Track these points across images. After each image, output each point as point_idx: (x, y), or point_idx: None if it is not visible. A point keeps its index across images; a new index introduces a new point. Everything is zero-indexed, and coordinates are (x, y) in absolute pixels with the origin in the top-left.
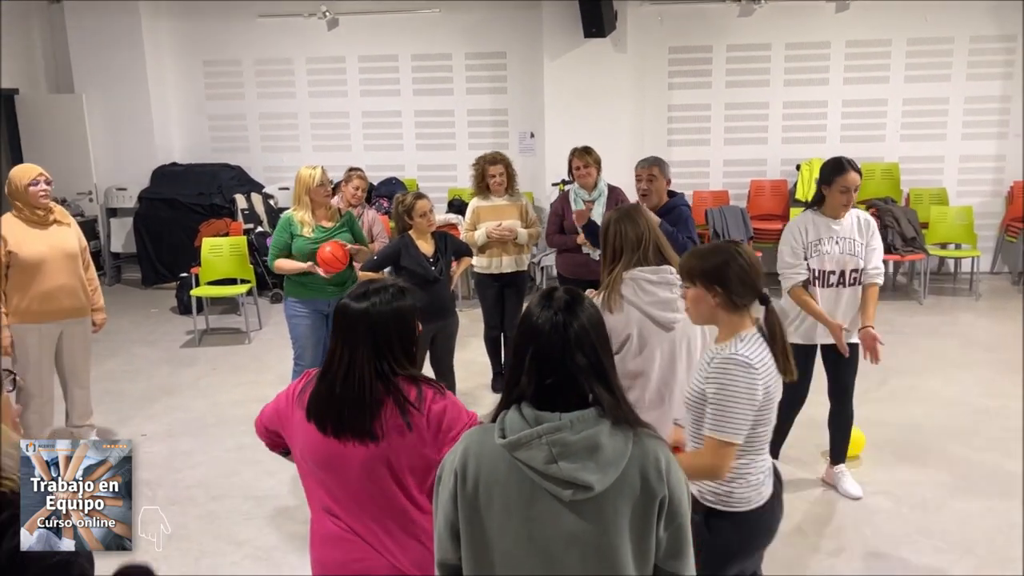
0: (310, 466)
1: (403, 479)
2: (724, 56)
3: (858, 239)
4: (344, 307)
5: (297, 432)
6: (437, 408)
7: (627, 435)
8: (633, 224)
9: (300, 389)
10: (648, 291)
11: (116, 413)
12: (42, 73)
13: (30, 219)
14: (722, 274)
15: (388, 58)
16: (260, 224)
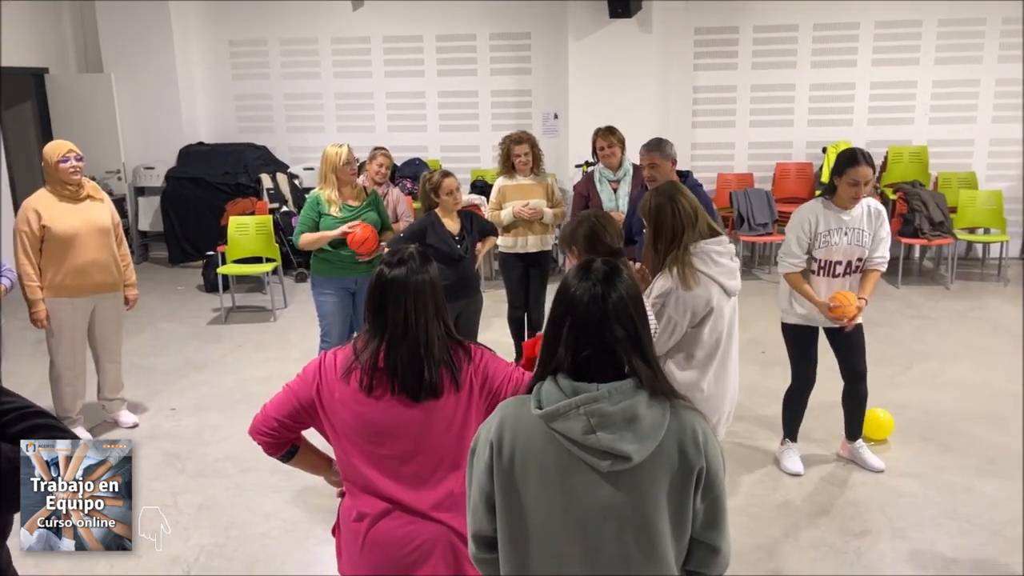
0: (356, 440)
1: (457, 439)
2: (751, 37)
3: (866, 229)
4: (383, 272)
5: (342, 407)
6: (482, 360)
7: (664, 407)
8: (687, 198)
9: (336, 365)
10: (718, 261)
11: (145, 387)
12: (72, 53)
13: (62, 194)
14: (575, 236)
15: (413, 39)
16: (285, 204)
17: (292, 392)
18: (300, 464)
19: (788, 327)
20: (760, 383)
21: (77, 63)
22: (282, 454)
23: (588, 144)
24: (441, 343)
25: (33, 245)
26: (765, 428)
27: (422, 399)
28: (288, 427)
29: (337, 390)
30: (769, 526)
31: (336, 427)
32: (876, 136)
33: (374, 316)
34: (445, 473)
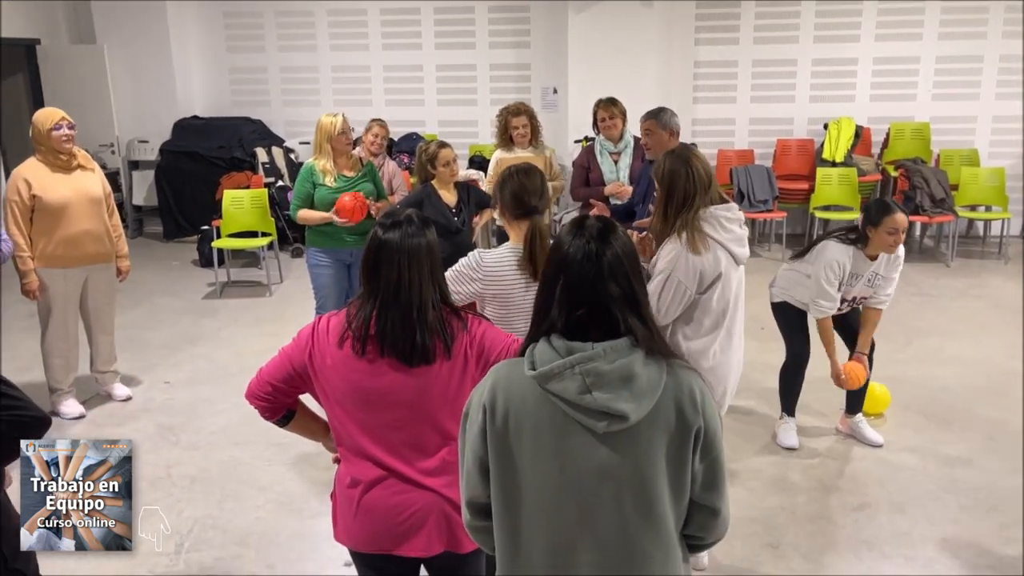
0: (349, 406)
1: (450, 407)
2: (752, 11)
3: (882, 274)
4: (394, 239)
5: (334, 373)
6: (479, 330)
7: (660, 365)
8: (702, 162)
9: (328, 330)
10: (728, 228)
11: (140, 361)
12: (64, 23)
13: (54, 163)
14: (501, 194)
15: (410, 11)
16: (281, 178)
17: (287, 356)
18: (297, 429)
19: (777, 305)
20: (758, 358)
21: (69, 34)
22: (278, 419)
23: (588, 119)
24: (436, 309)
25: (24, 215)
26: (764, 402)
27: (415, 364)
28: (283, 391)
29: (329, 355)
30: (766, 499)
31: (328, 393)
32: (878, 112)
33: (368, 279)
34: (439, 442)
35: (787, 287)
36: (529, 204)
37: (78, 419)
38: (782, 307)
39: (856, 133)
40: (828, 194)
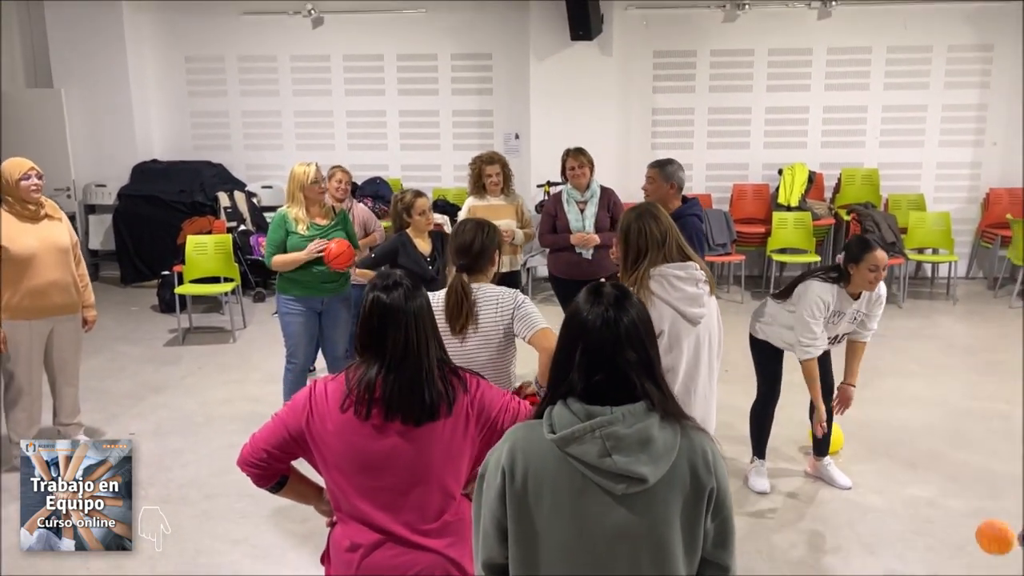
0: (348, 471)
1: (451, 467)
2: (708, 61)
3: (865, 311)
4: (380, 298)
5: (336, 438)
6: (478, 389)
7: (675, 428)
8: (656, 221)
9: (328, 395)
10: (677, 287)
11: (102, 411)
12: (20, 67)
13: (21, 214)
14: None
15: (373, 57)
16: (243, 222)
17: (282, 422)
18: (289, 494)
19: (757, 341)
20: (725, 401)
21: (26, 77)
22: (271, 485)
23: (549, 164)
24: (440, 368)
25: None
26: (734, 445)
27: (421, 424)
28: (277, 458)
29: (331, 420)
30: (742, 543)
31: (328, 458)
32: (829, 159)
33: (371, 343)
34: (439, 502)
35: (770, 326)
36: (456, 259)
37: None
38: (762, 344)
39: (809, 178)
40: (784, 237)
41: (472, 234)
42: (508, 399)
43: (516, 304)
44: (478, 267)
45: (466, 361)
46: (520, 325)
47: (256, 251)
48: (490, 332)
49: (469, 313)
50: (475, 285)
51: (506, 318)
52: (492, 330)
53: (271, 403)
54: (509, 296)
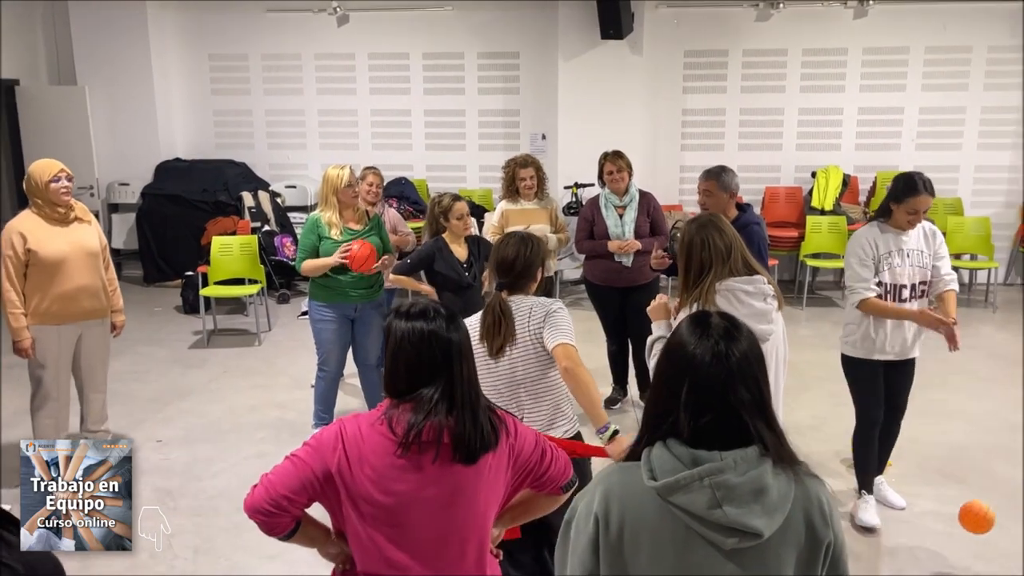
0: (383, 521)
1: (485, 511)
2: (740, 61)
3: (925, 250)
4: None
5: (373, 486)
6: (513, 426)
7: (789, 475)
8: (720, 232)
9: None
10: (744, 302)
11: (128, 417)
12: (43, 64)
13: (50, 216)
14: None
15: (399, 56)
16: (268, 223)
17: (304, 465)
18: (300, 540)
19: (844, 359)
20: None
21: (49, 75)
22: (286, 533)
23: (576, 165)
24: (482, 407)
25: (17, 270)
26: None
27: (476, 460)
28: (298, 504)
29: (368, 466)
30: None
31: (360, 507)
32: (863, 161)
33: (419, 379)
34: (476, 544)
35: (853, 338)
36: (497, 276)
37: None
38: (849, 361)
39: (844, 181)
40: (818, 242)
41: (515, 249)
42: (540, 441)
43: (548, 311)
44: (520, 286)
45: (503, 382)
46: (547, 332)
47: (280, 252)
48: (526, 346)
49: (508, 334)
50: (515, 303)
51: (538, 327)
52: (527, 343)
53: (299, 410)
54: (542, 305)
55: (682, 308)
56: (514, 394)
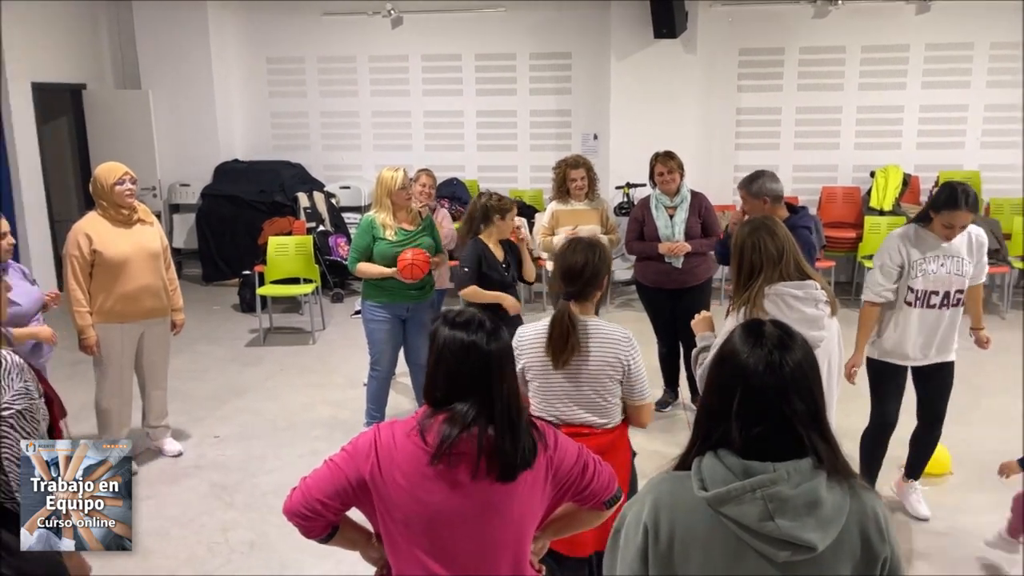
0: (417, 531)
1: (527, 527)
2: (796, 58)
3: (967, 258)
4: (477, 344)
5: (406, 495)
6: (552, 439)
7: (844, 488)
8: (772, 236)
9: (397, 445)
10: (794, 307)
11: (187, 413)
12: (109, 68)
13: (115, 218)
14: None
15: (451, 57)
16: (322, 223)
17: (339, 470)
18: (339, 543)
19: (870, 361)
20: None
21: (115, 79)
22: (323, 536)
23: (628, 165)
24: (522, 422)
25: (83, 270)
26: None
27: (514, 477)
28: (332, 509)
29: (400, 474)
30: None
31: (394, 514)
32: (925, 160)
33: (455, 390)
34: (511, 559)
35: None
36: (561, 287)
37: None
38: (870, 363)
39: (904, 181)
40: (876, 243)
41: (583, 256)
42: (582, 453)
43: (629, 363)
44: (586, 294)
45: (567, 396)
46: (627, 388)
47: (334, 252)
48: (598, 374)
49: (575, 346)
50: (583, 318)
51: (617, 370)
52: (601, 372)
53: (352, 409)
54: (624, 347)
55: (731, 312)
56: (567, 405)
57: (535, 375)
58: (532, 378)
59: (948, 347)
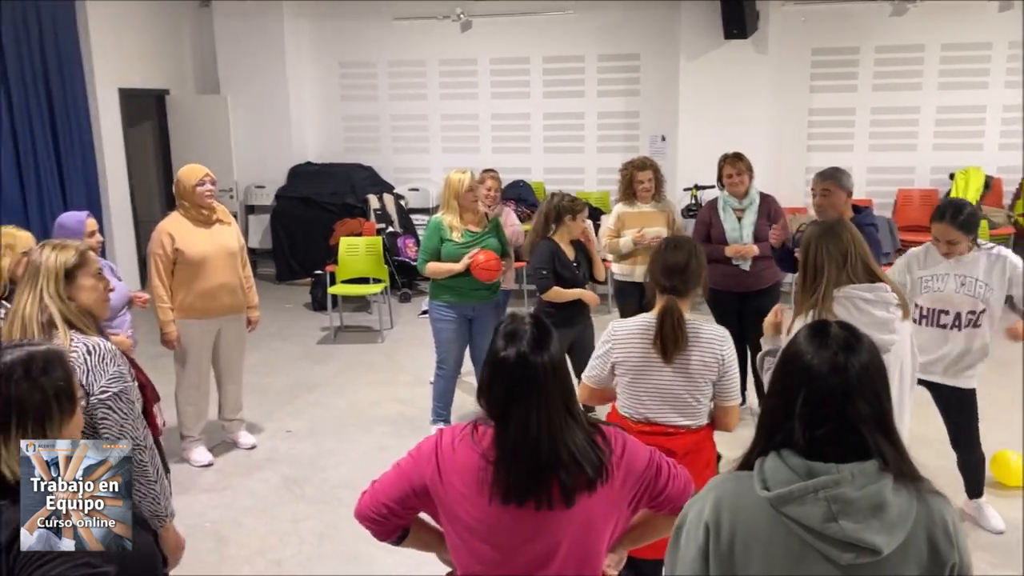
0: (478, 536)
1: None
2: (872, 58)
3: (982, 280)
4: (521, 354)
5: (463, 502)
6: (621, 445)
7: (911, 492)
8: (835, 239)
9: (455, 451)
10: (864, 310)
11: (260, 407)
12: (190, 74)
13: (196, 218)
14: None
15: (520, 60)
16: (391, 224)
17: (404, 476)
18: (412, 544)
19: None
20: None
21: (196, 84)
22: (395, 538)
23: (696, 167)
24: (581, 440)
25: (166, 268)
26: None
27: (554, 507)
28: (398, 513)
29: (459, 480)
30: None
31: (452, 521)
32: (1009, 162)
33: (495, 405)
34: (571, 568)
35: None
36: (666, 283)
37: (207, 467)
38: None
39: (985, 184)
40: None
41: (686, 255)
42: (654, 456)
43: (725, 365)
44: (686, 290)
45: (660, 394)
46: (720, 388)
47: (403, 252)
48: (695, 374)
49: (682, 340)
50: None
51: (713, 369)
52: (697, 373)
53: (419, 407)
54: (722, 345)
55: (798, 316)
56: (657, 404)
57: (628, 370)
58: (624, 373)
59: (962, 371)
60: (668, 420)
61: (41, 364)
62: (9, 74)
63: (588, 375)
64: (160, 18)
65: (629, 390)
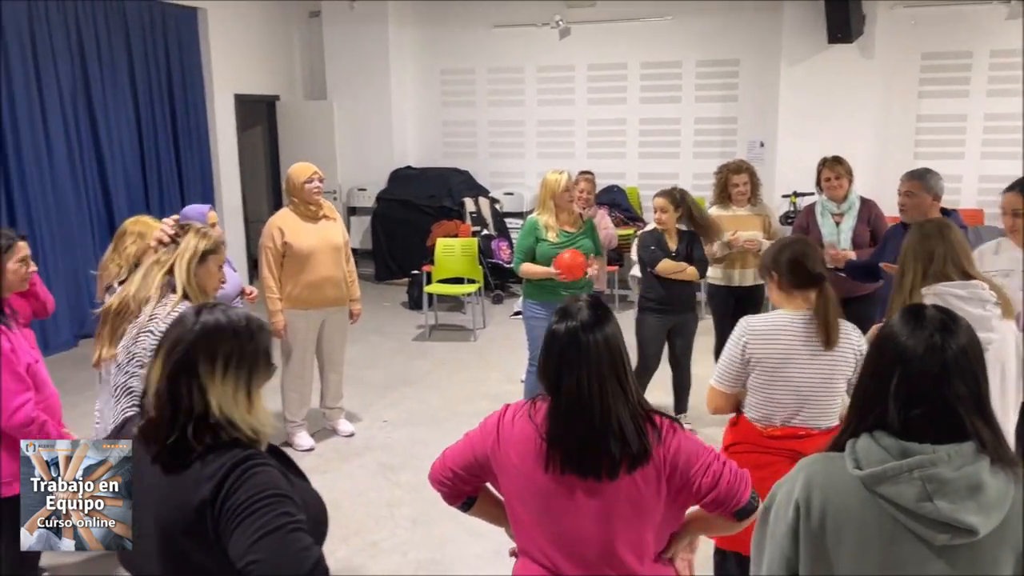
0: (532, 509)
1: (637, 525)
2: (986, 62)
3: None
4: (571, 331)
5: (518, 473)
6: (674, 442)
7: (1008, 476)
8: (925, 238)
9: (515, 424)
10: (957, 308)
11: (359, 398)
12: (299, 81)
13: (304, 214)
14: (777, 262)
15: (617, 66)
16: (486, 227)
17: (470, 445)
18: (479, 514)
19: None
20: None
21: (304, 90)
22: (462, 502)
23: (796, 173)
24: (628, 416)
25: (276, 260)
26: None
27: (600, 479)
28: (464, 480)
29: (515, 452)
30: None
31: (511, 489)
32: None
33: (548, 378)
34: (622, 558)
35: None
36: (813, 271)
37: (308, 451)
38: None
39: None
40: None
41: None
42: (710, 457)
43: (862, 355)
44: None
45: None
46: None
47: (496, 255)
48: (834, 370)
49: (837, 329)
50: None
51: (851, 364)
52: (836, 369)
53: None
54: (858, 339)
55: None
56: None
57: (765, 368)
58: (760, 371)
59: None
60: (801, 421)
61: (258, 322)
62: (136, 78)
63: (718, 377)
64: (273, 27)
65: (762, 391)
